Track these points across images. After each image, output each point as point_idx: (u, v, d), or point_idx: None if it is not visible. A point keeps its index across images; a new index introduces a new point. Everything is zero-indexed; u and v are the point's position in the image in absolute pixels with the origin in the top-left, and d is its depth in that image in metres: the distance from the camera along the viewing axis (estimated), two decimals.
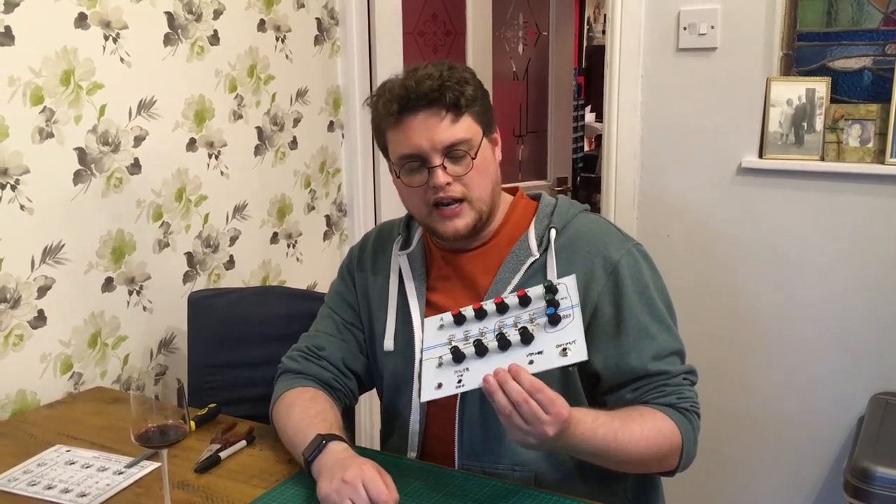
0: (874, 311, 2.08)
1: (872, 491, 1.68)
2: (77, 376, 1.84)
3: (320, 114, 2.52)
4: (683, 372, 1.34)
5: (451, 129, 1.31)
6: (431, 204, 1.34)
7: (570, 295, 1.23)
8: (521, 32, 3.75)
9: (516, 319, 1.24)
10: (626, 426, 1.24)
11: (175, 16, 2.00)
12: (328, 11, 2.51)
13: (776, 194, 2.14)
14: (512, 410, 1.11)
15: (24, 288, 1.71)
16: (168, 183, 2.03)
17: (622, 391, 1.33)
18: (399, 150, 1.34)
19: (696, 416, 1.34)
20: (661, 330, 1.34)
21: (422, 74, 1.31)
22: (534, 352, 1.18)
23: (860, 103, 2.04)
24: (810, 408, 2.19)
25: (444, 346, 1.26)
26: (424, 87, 1.29)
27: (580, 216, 1.41)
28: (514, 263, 1.38)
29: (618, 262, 1.34)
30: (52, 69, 1.73)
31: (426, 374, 1.25)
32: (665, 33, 2.21)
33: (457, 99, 1.30)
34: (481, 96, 1.36)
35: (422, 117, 1.31)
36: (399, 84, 1.32)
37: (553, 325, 1.20)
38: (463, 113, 1.32)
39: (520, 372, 1.12)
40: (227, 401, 1.71)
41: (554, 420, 1.11)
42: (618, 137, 2.31)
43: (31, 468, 1.40)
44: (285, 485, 1.32)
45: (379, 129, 1.39)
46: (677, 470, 1.33)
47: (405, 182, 1.36)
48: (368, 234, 1.60)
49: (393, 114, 1.32)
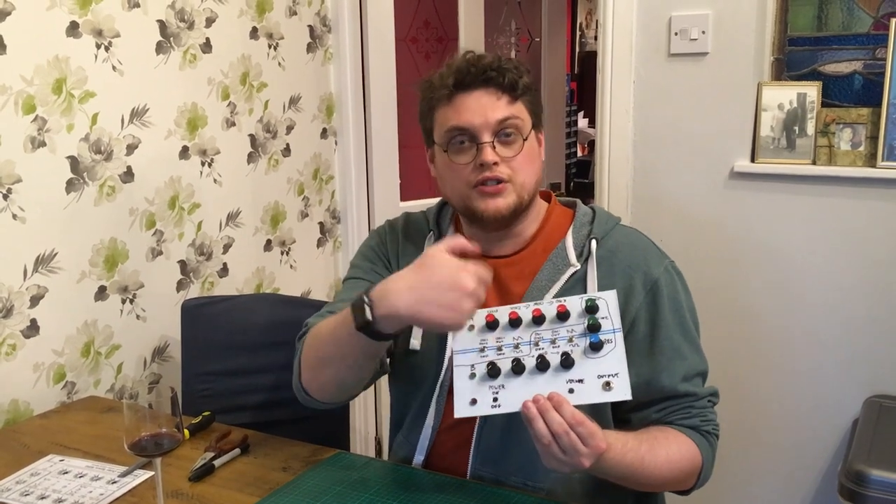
0: (867, 314, 2.08)
1: (867, 494, 1.69)
2: (70, 385, 1.83)
3: (313, 121, 2.53)
4: (708, 394, 1.35)
5: (505, 108, 1.30)
6: (475, 183, 1.31)
7: (612, 315, 1.19)
8: (513, 38, 3.76)
9: (554, 335, 1.20)
10: (652, 451, 1.23)
11: (167, 24, 2.00)
12: (320, 19, 2.52)
13: (768, 198, 2.15)
14: (551, 440, 1.10)
15: (16, 297, 1.71)
16: (161, 191, 2.02)
17: (649, 410, 1.32)
18: (449, 122, 1.31)
19: (716, 438, 1.35)
20: (691, 350, 1.34)
21: (482, 55, 1.32)
22: (574, 379, 1.16)
23: (851, 107, 2.05)
24: (804, 411, 2.20)
25: (475, 353, 1.22)
26: (484, 63, 1.30)
27: (618, 228, 1.40)
28: (552, 272, 1.35)
29: (657, 279, 1.33)
30: (44, 78, 1.73)
31: (459, 385, 1.21)
32: (656, 39, 2.22)
33: (514, 82, 1.30)
34: (535, 90, 1.37)
35: (476, 95, 1.30)
36: (459, 59, 1.32)
37: (594, 351, 1.17)
38: (518, 97, 1.32)
39: (562, 403, 1.10)
40: (222, 409, 1.70)
41: (592, 453, 1.10)
42: (610, 142, 2.32)
43: (24, 478, 1.39)
44: (280, 493, 1.32)
45: (429, 108, 1.36)
46: (693, 489, 1.34)
47: (452, 158, 1.32)
48: (393, 221, 1.53)
49: (447, 86, 1.31)
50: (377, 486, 1.32)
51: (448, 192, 1.39)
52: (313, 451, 1.45)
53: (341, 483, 1.33)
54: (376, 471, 1.40)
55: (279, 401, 1.76)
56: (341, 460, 1.43)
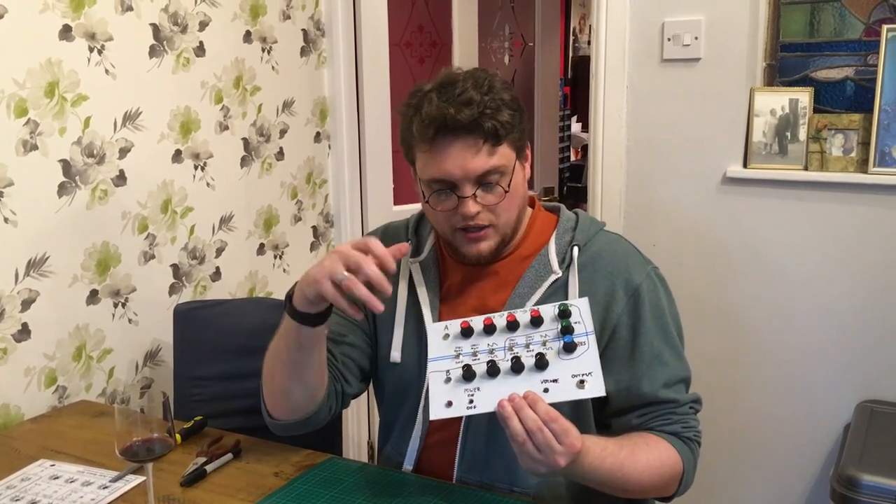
0: (859, 319, 2.09)
1: (859, 499, 1.69)
2: (61, 390, 1.83)
3: (307, 125, 2.52)
4: (690, 401, 1.35)
5: (486, 160, 1.27)
6: (456, 228, 1.32)
7: (584, 320, 1.21)
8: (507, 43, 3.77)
9: (528, 340, 1.22)
10: (632, 456, 1.24)
11: (160, 27, 2.00)
12: (314, 23, 2.52)
13: (761, 203, 2.16)
14: (526, 438, 1.10)
15: (7, 301, 1.70)
16: (153, 195, 2.02)
17: (629, 416, 1.33)
18: (430, 173, 1.29)
19: (698, 445, 1.34)
20: (673, 357, 1.34)
21: (462, 100, 1.25)
22: (548, 379, 1.17)
23: (843, 113, 2.06)
24: (796, 416, 2.20)
25: (450, 360, 1.24)
26: (464, 117, 1.24)
27: (601, 234, 1.40)
28: (534, 279, 1.36)
29: (639, 285, 1.33)
30: (36, 81, 1.72)
31: (434, 390, 1.22)
32: (649, 44, 2.22)
33: (495, 129, 1.26)
34: (518, 118, 1.31)
35: (458, 146, 1.26)
36: (436, 107, 1.25)
37: (568, 353, 1.19)
38: (501, 143, 1.28)
39: (537, 401, 1.11)
40: (214, 413, 1.70)
41: (566, 451, 1.11)
42: (603, 147, 2.32)
43: (14, 483, 1.39)
44: (272, 498, 1.31)
45: (408, 144, 1.35)
46: (675, 496, 1.34)
47: (433, 206, 1.32)
48: (372, 233, 1.54)
49: (427, 140, 1.27)
50: (369, 491, 1.32)
51: (433, 225, 1.41)
52: (305, 457, 1.45)
53: (333, 488, 1.33)
54: (368, 476, 1.40)
55: None
56: (333, 465, 1.42)
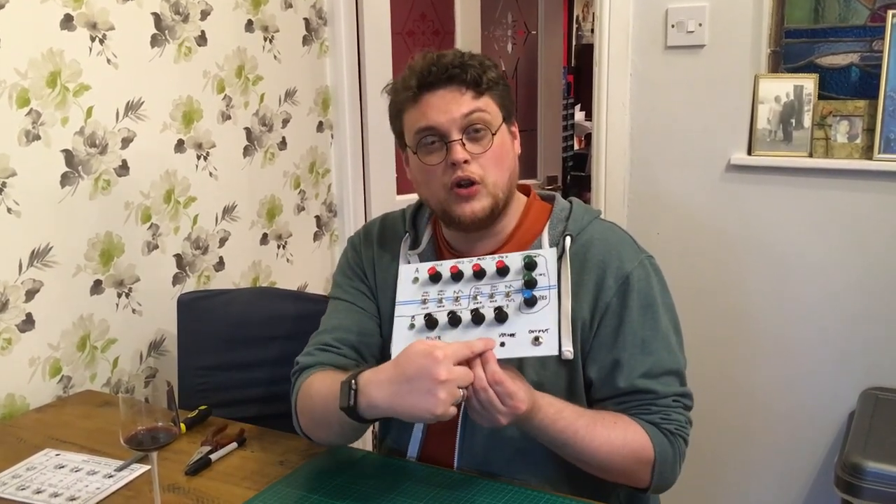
0: (864, 306, 2.09)
1: (863, 486, 1.69)
2: (66, 380, 1.83)
3: (309, 114, 2.52)
4: (675, 394, 1.31)
5: (470, 103, 1.30)
6: (450, 186, 1.31)
7: (549, 272, 1.23)
8: (509, 31, 3.75)
9: (492, 290, 1.25)
10: (591, 426, 1.24)
11: (162, 17, 1.99)
12: (316, 11, 2.51)
13: (765, 191, 2.15)
14: (471, 394, 1.14)
15: (11, 291, 1.70)
16: (156, 185, 2.02)
17: (607, 403, 1.32)
18: (417, 123, 1.31)
19: (682, 440, 1.30)
20: (662, 347, 1.31)
21: (443, 53, 1.32)
22: (506, 333, 1.20)
23: (848, 100, 2.05)
24: (800, 403, 2.20)
25: (417, 305, 1.27)
26: (445, 61, 1.29)
27: (595, 223, 1.39)
28: None
29: (629, 273, 1.32)
30: (38, 71, 1.72)
31: (397, 334, 1.26)
32: (653, 31, 2.21)
33: (478, 77, 1.30)
34: (503, 84, 1.35)
35: (441, 93, 1.30)
36: (419, 60, 1.32)
37: (528, 307, 1.21)
38: (483, 93, 1.31)
39: (488, 360, 1.14)
40: (218, 403, 1.71)
41: (509, 412, 1.15)
42: (607, 135, 2.31)
43: (20, 472, 1.39)
44: (276, 486, 1.32)
45: (397, 112, 1.36)
46: (650, 489, 1.31)
47: (422, 160, 1.32)
48: (368, 226, 1.54)
49: (411, 88, 1.31)
50: (374, 478, 1.33)
51: (425, 195, 1.39)
52: (310, 445, 1.45)
53: (338, 476, 1.33)
54: (373, 464, 1.40)
55: (276, 395, 1.75)
56: (338, 454, 1.43)
